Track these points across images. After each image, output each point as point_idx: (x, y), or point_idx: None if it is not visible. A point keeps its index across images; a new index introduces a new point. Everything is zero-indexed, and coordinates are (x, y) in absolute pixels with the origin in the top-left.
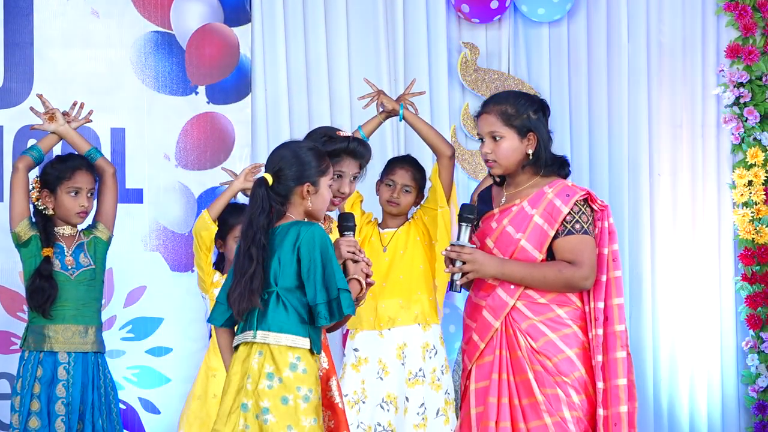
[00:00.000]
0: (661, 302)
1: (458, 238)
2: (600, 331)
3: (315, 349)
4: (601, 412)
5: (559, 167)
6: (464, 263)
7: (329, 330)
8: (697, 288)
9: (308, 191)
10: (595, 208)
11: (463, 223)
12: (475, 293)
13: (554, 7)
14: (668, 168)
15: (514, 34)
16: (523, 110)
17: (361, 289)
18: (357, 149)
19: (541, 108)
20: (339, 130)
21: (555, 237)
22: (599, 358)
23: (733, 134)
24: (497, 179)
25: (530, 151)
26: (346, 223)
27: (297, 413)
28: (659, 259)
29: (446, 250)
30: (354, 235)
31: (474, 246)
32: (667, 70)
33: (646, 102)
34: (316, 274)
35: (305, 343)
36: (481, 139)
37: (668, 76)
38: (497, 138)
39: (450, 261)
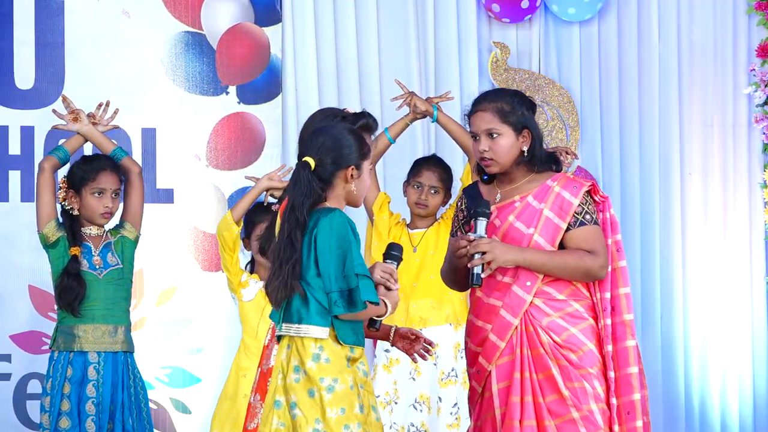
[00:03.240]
0: (692, 301)
1: (474, 232)
2: (609, 321)
3: (342, 339)
4: (614, 401)
5: (553, 163)
6: (483, 254)
7: (370, 324)
8: (728, 287)
9: (352, 175)
10: (597, 199)
11: (478, 218)
12: (487, 294)
13: (585, 7)
14: (699, 167)
15: (544, 33)
16: (518, 107)
17: (385, 312)
18: (373, 124)
19: (532, 106)
20: (344, 109)
21: (566, 229)
22: (609, 347)
23: (764, 133)
24: (484, 177)
25: (525, 148)
26: (391, 251)
27: (322, 405)
28: (690, 258)
29: (464, 247)
30: (397, 266)
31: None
32: (698, 70)
33: (677, 101)
34: (331, 262)
35: (323, 333)
36: (475, 137)
37: (699, 76)
38: (494, 135)
39: (469, 256)
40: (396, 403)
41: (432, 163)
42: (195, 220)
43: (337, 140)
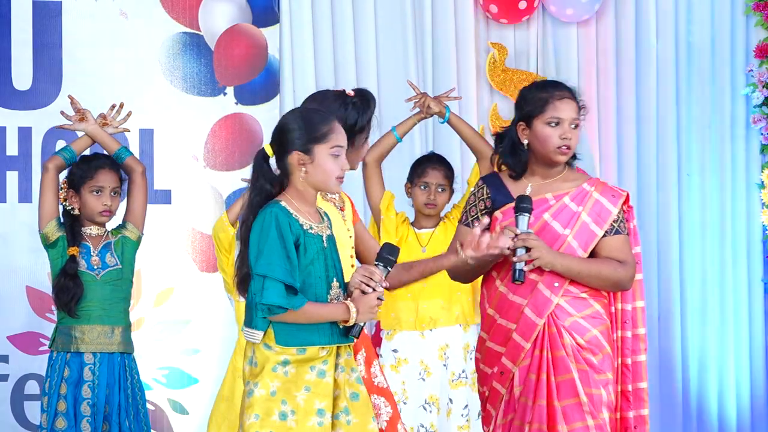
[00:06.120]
0: (689, 303)
1: (518, 228)
2: (629, 334)
3: (281, 341)
4: (631, 414)
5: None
6: (528, 250)
7: (345, 334)
8: (725, 289)
9: (300, 161)
10: (624, 209)
11: (520, 213)
12: (512, 290)
13: (583, 8)
14: (697, 168)
15: (542, 34)
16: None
17: (349, 316)
18: (368, 96)
19: None
20: (342, 89)
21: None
22: (629, 360)
23: (762, 134)
24: (513, 173)
25: None
26: (385, 254)
27: (243, 409)
28: (688, 259)
29: (511, 240)
30: (387, 272)
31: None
32: (695, 70)
33: (674, 102)
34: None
35: (256, 336)
36: (555, 123)
37: (697, 76)
38: (575, 126)
39: (512, 251)
40: (405, 403)
41: (435, 161)
42: (192, 221)
43: (284, 124)
